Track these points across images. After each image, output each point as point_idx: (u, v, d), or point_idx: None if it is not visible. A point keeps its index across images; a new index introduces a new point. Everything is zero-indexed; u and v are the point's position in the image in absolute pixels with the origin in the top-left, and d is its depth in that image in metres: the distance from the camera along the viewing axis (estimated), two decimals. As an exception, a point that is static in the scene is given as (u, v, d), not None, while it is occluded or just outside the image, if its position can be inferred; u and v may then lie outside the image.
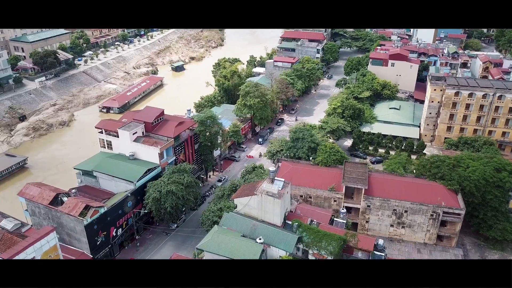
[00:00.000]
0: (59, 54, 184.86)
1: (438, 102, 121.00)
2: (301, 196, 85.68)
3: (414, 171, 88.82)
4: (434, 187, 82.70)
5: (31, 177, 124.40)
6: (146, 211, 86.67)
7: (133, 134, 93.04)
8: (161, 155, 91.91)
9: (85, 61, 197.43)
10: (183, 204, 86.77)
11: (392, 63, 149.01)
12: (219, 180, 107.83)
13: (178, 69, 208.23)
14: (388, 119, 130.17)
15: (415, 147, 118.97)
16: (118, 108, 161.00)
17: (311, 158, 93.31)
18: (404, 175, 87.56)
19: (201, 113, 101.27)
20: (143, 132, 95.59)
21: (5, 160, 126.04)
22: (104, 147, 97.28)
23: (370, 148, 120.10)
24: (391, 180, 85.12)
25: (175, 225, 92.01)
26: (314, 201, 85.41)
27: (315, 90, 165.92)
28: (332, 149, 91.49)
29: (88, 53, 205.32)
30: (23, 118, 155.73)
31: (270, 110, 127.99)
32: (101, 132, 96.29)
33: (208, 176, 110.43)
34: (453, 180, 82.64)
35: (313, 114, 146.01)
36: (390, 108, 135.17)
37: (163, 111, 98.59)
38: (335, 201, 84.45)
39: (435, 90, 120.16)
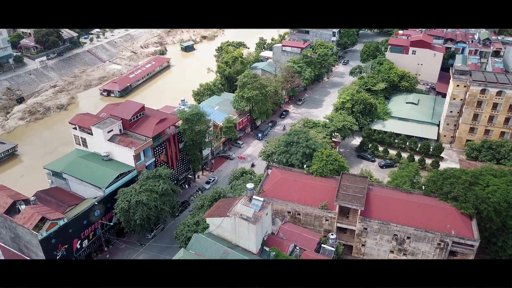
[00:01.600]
0: (62, 32, 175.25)
1: (461, 99, 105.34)
2: (289, 212, 74.05)
3: (423, 187, 75.40)
4: (444, 211, 69.42)
5: (21, 165, 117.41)
6: (111, 223, 77.07)
7: (108, 132, 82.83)
8: (137, 157, 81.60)
9: (91, 40, 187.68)
10: (157, 215, 76.70)
11: (413, 51, 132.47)
12: (208, 182, 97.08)
13: (188, 49, 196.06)
14: (403, 116, 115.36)
15: (431, 150, 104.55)
16: (118, 91, 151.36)
17: (305, 166, 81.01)
18: (410, 191, 74.37)
19: (187, 109, 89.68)
20: (120, 130, 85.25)
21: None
22: (80, 145, 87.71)
23: (380, 149, 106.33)
24: (394, 198, 72.13)
25: (152, 235, 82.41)
26: (303, 219, 73.68)
27: (327, 78, 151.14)
28: (329, 157, 78.81)
29: (95, 30, 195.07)
30: (21, 100, 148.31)
31: (271, 103, 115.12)
32: (75, 129, 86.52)
33: (196, 176, 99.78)
34: (468, 202, 69.04)
35: (322, 106, 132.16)
36: (407, 103, 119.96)
37: (143, 106, 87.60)
38: (327, 220, 72.48)
39: (458, 86, 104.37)
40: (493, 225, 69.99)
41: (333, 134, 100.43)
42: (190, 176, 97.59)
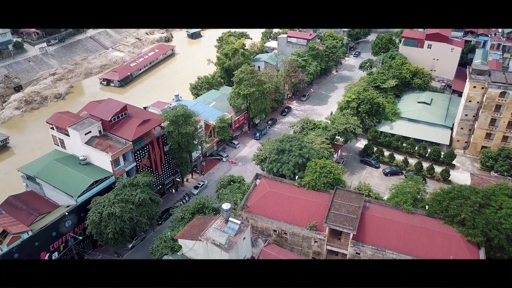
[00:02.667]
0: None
1: (478, 102, 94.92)
2: (275, 231, 66.46)
3: (427, 206, 66.65)
4: (448, 237, 60.81)
5: (13, 158, 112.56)
6: (80, 238, 70.85)
7: (86, 134, 76.13)
8: (115, 162, 74.85)
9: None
10: (133, 227, 70.17)
11: (428, 45, 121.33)
12: (196, 187, 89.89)
13: (195, 36, 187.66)
14: (414, 117, 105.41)
15: (442, 156, 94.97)
16: (118, 81, 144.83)
17: (297, 177, 73.04)
18: (412, 211, 65.82)
19: (172, 109, 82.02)
20: (100, 131, 78.47)
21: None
22: (58, 145, 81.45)
23: (386, 153, 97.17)
24: (392, 221, 63.65)
25: (130, 245, 76.18)
26: (290, 239, 66.04)
27: (336, 71, 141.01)
28: (323, 169, 70.56)
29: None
30: (19, 88, 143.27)
31: (270, 101, 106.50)
32: (52, 129, 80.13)
33: (185, 180, 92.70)
34: (477, 228, 60.26)
35: (327, 103, 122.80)
36: (418, 102, 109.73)
37: (126, 106, 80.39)
38: (316, 241, 64.67)
39: (474, 87, 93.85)
40: (504, 255, 61.32)
41: (335, 138, 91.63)
42: (179, 180, 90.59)
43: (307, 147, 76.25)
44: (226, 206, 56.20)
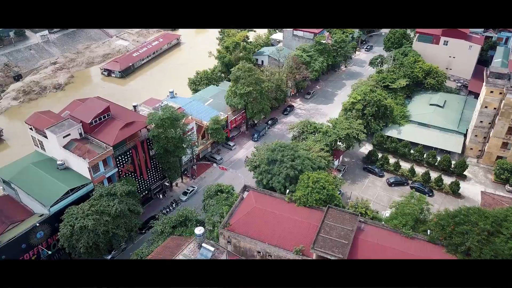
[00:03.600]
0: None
1: (495, 108, 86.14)
2: (259, 252, 60.35)
3: (429, 231, 59.53)
4: (450, 270, 53.68)
5: (7, 151, 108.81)
6: (50, 252, 65.93)
7: (64, 137, 70.79)
8: (95, 168, 69.45)
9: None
10: (108, 240, 64.96)
11: (445, 41, 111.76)
12: (185, 193, 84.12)
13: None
14: (424, 121, 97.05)
15: (453, 166, 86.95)
16: (119, 72, 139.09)
17: (287, 190, 66.52)
18: (412, 236, 58.87)
19: (162, 109, 75.84)
20: (81, 133, 73.01)
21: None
22: (38, 147, 76.51)
23: (392, 161, 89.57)
24: (388, 248, 56.77)
25: (109, 257, 71.18)
26: (275, 262, 59.81)
27: (345, 66, 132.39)
28: (316, 184, 63.82)
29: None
30: (18, 77, 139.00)
31: (269, 100, 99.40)
32: (31, 129, 75.09)
33: (175, 184, 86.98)
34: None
35: (333, 101, 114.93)
36: (430, 105, 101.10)
37: (108, 107, 74.57)
38: (303, 267, 58.27)
39: (491, 92, 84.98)
40: (515, 291, 53.92)
41: (335, 144, 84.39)
42: (167, 184, 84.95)
43: (301, 157, 69.35)
44: (199, 230, 50.26)
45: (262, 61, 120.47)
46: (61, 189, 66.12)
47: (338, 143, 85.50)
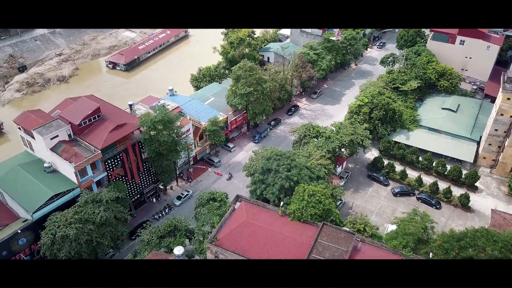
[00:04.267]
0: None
1: (511, 116, 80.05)
2: (247, 269, 56.41)
3: (431, 254, 54.78)
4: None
5: (8, 145, 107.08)
6: (27, 258, 63.09)
7: (52, 139, 67.64)
8: (82, 172, 66.26)
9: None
10: (92, 250, 61.85)
11: (461, 41, 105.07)
12: (179, 197, 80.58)
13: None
14: (435, 126, 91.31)
15: (463, 177, 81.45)
16: (124, 65, 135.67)
17: (282, 203, 62.32)
18: (411, 257, 54.26)
19: (155, 111, 72.04)
20: (70, 135, 69.77)
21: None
22: (27, 147, 73.70)
23: (398, 169, 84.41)
24: (385, 271, 52.29)
25: (96, 264, 68.12)
26: (264, 281, 55.90)
27: (355, 64, 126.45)
28: (312, 198, 59.48)
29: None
30: (23, 68, 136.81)
31: (270, 102, 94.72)
32: (20, 129, 72.20)
33: (169, 187, 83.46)
34: (489, 291, 48.18)
35: (340, 102, 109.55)
36: (443, 109, 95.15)
37: (99, 108, 71.00)
38: (293, 288, 54.29)
39: (508, 99, 78.88)
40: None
41: (338, 150, 79.58)
42: (162, 187, 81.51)
43: (298, 167, 64.89)
44: (178, 251, 46.65)
45: (268, 58, 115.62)
46: (46, 195, 63.13)
47: (341, 149, 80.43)
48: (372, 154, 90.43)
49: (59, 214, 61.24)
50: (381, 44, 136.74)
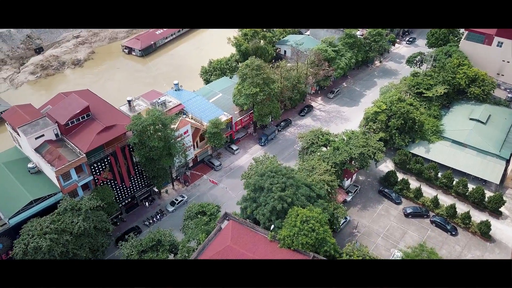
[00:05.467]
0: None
1: (548, 136, 69.91)
2: (226, 300, 50.91)
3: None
4: None
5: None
6: None
7: (37, 138, 63.46)
8: (66, 175, 61.98)
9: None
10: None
11: (499, 42, 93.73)
12: (173, 203, 75.50)
13: None
14: (460, 139, 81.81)
15: (486, 200, 72.50)
16: (140, 50, 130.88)
17: (272, 226, 56.07)
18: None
19: (139, 116, 66.14)
20: (57, 134, 65.42)
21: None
22: (16, 143, 70.09)
23: (413, 185, 76.18)
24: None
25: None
26: (243, 315, 50.33)
27: (380, 61, 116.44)
28: (305, 224, 52.94)
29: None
30: (39, 50, 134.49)
31: (278, 104, 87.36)
32: (7, 125, 68.44)
33: (164, 191, 78.45)
34: None
35: (358, 104, 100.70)
36: (470, 119, 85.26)
37: (88, 107, 66.03)
38: (273, 327, 48.44)
39: (546, 118, 68.67)
40: None
41: (347, 164, 72.00)
42: (156, 190, 76.66)
43: (295, 185, 58.11)
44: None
45: (285, 51, 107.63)
46: (24, 199, 59.26)
47: (350, 162, 72.73)
48: (386, 166, 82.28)
49: (36, 222, 57.23)
50: (410, 39, 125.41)
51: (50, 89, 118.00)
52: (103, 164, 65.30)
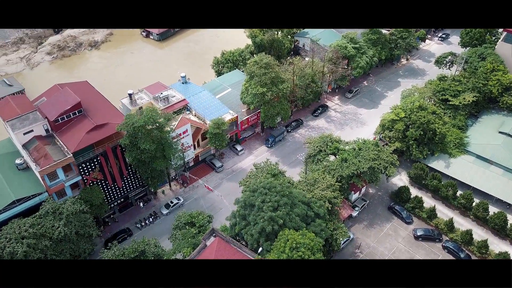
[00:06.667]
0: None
1: None
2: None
3: None
4: None
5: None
6: None
7: (25, 134, 60.47)
8: (52, 175, 58.84)
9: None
10: (46, 268, 54.93)
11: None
12: (167, 205, 71.53)
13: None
14: (486, 154, 73.65)
15: (508, 227, 64.96)
16: (157, 34, 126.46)
17: (260, 249, 51.16)
18: None
19: (132, 116, 61.72)
20: (48, 130, 62.21)
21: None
22: (10, 135, 67.41)
23: (428, 204, 69.30)
24: None
25: None
26: None
27: (406, 59, 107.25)
28: (294, 252, 47.76)
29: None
30: (58, 30, 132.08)
31: (288, 104, 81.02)
32: (-1, 117, 65.59)
33: (161, 192, 74.57)
34: None
35: (377, 106, 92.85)
36: (500, 133, 76.64)
37: (79, 103, 62.11)
38: None
39: None
40: None
41: (352, 178, 65.67)
42: (152, 189, 72.88)
43: (289, 204, 52.70)
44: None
45: (304, 44, 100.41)
46: (7, 198, 56.56)
47: (358, 176, 66.28)
48: (400, 178, 75.36)
49: (16, 223, 54.51)
50: (443, 36, 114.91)
51: (64, 72, 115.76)
52: (92, 165, 61.69)
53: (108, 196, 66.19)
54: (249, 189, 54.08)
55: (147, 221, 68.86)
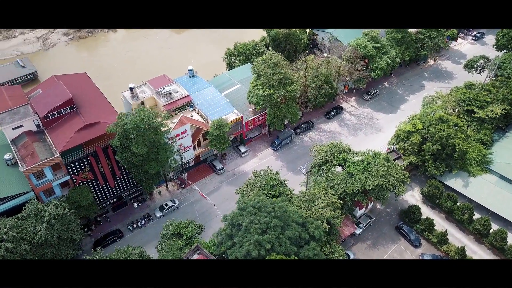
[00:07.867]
0: None
1: None
2: None
3: None
4: None
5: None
6: None
7: (14, 129, 57.88)
8: (39, 174, 56.21)
9: None
10: (26, 272, 52.77)
11: None
12: (162, 208, 68.09)
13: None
14: (510, 175, 66.47)
15: (527, 260, 58.44)
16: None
17: (245, 273, 46.94)
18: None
19: (124, 115, 57.85)
20: (39, 125, 59.38)
21: (12, 70, 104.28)
22: (3, 126, 65.04)
23: (439, 227, 63.27)
24: None
25: None
26: None
27: (434, 60, 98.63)
28: (278, 282, 43.29)
29: None
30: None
31: (297, 107, 75.29)
32: (-7, 108, 63.04)
33: (157, 192, 71.20)
34: None
35: (397, 111, 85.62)
36: (528, 151, 69.06)
37: (71, 99, 58.74)
38: None
39: None
40: None
41: (357, 196, 60.19)
42: (147, 190, 69.57)
43: (280, 225, 48.16)
44: None
45: (323, 38, 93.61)
46: (-9, 197, 54.34)
47: (363, 194, 60.75)
48: (412, 195, 69.27)
49: (-1, 224, 52.34)
50: (478, 35, 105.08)
51: (78, 54, 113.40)
52: (81, 164, 58.64)
53: (99, 196, 63.36)
54: (238, 206, 49.66)
55: (139, 223, 65.87)
